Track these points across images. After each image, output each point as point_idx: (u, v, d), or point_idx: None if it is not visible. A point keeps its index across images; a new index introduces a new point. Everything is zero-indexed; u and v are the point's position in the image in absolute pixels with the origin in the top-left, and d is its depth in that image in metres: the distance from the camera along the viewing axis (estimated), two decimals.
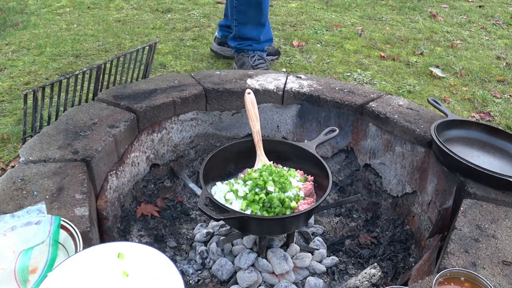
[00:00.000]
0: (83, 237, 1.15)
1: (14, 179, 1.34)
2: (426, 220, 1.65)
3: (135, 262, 1.07)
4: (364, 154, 1.92)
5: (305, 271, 1.57)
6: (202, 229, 1.71)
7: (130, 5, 4.33)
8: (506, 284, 1.10)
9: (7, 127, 2.31)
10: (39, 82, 2.79)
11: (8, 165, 2.06)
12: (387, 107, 1.82)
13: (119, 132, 1.61)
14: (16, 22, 3.84)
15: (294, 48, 3.45)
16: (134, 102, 1.76)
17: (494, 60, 3.46)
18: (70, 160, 1.44)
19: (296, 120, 2.00)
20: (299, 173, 1.63)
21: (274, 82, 1.98)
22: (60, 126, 1.61)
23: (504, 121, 2.62)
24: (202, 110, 1.93)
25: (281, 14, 4.21)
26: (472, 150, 1.60)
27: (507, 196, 1.39)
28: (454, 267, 1.14)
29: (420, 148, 1.68)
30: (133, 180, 1.79)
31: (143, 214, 1.78)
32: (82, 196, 1.30)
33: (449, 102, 2.78)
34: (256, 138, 1.65)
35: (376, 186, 1.91)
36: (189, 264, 1.60)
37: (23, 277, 1.06)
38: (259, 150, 1.65)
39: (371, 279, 1.46)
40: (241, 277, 1.48)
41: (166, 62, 3.10)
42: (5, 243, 1.13)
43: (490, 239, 1.23)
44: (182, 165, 1.99)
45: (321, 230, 1.78)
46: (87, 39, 3.48)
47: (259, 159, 1.64)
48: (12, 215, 1.18)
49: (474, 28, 4.14)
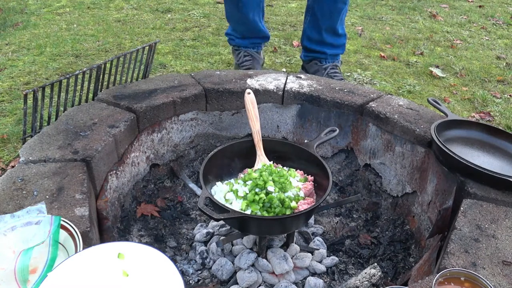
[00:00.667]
0: (83, 237, 1.15)
1: (14, 179, 1.34)
2: (426, 220, 1.65)
3: (135, 262, 1.07)
4: (364, 154, 1.92)
5: (305, 271, 1.57)
6: (202, 229, 1.71)
7: (130, 5, 4.33)
8: (506, 284, 1.10)
9: (7, 127, 2.31)
10: (39, 82, 2.80)
11: (8, 165, 2.06)
12: (387, 107, 1.82)
13: (119, 132, 1.61)
14: (16, 22, 3.84)
15: (294, 48, 3.45)
16: (134, 102, 1.76)
17: (494, 60, 3.46)
18: (70, 160, 1.44)
19: (296, 120, 2.00)
20: (299, 173, 1.63)
21: (274, 82, 1.98)
22: (60, 126, 1.61)
23: (504, 121, 2.62)
24: (202, 110, 1.93)
25: (281, 14, 4.21)
26: (472, 150, 1.60)
27: (507, 196, 1.39)
28: (454, 267, 1.14)
29: (420, 148, 1.68)
30: (133, 180, 1.79)
31: (143, 214, 1.78)
32: (82, 196, 1.30)
33: (449, 102, 2.78)
34: (256, 138, 1.65)
35: (376, 186, 1.91)
36: (189, 264, 1.60)
37: (23, 277, 1.06)
38: (259, 150, 1.65)
39: (371, 279, 1.46)
40: (241, 277, 1.48)
41: (166, 62, 3.10)
42: (5, 243, 1.13)
43: (490, 239, 1.23)
44: (182, 165, 1.99)
45: (321, 230, 1.78)
46: (87, 39, 3.48)
47: (259, 159, 1.64)
48: (12, 215, 1.18)
49: (474, 28, 4.14)
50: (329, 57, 2.71)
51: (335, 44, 2.71)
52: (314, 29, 2.66)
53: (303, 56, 2.82)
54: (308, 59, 2.77)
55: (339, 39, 2.71)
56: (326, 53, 2.70)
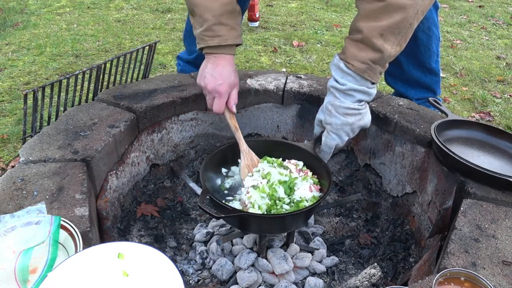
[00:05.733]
0: (83, 237, 1.15)
1: (14, 179, 1.34)
2: (426, 220, 1.65)
3: (135, 262, 1.07)
4: (364, 154, 1.92)
5: (305, 271, 1.57)
6: (202, 229, 1.71)
7: (130, 5, 4.33)
8: (506, 284, 1.10)
9: (7, 127, 2.31)
10: (39, 82, 2.80)
11: (8, 165, 2.06)
12: (387, 107, 1.82)
13: (119, 132, 1.61)
14: (16, 22, 3.84)
15: (294, 48, 3.46)
16: (134, 102, 1.76)
17: (494, 60, 3.47)
18: (70, 160, 1.44)
19: (296, 120, 2.00)
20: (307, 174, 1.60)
21: (274, 82, 1.98)
22: (60, 126, 1.61)
23: (504, 121, 2.62)
24: (202, 110, 1.93)
25: (281, 14, 4.21)
26: (472, 150, 1.60)
27: (507, 196, 1.39)
28: (454, 267, 1.14)
29: (420, 148, 1.68)
30: (133, 180, 1.79)
31: (143, 214, 1.78)
32: (82, 196, 1.30)
33: (449, 102, 2.79)
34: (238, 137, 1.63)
35: (376, 186, 1.91)
36: (189, 264, 1.60)
37: (23, 277, 1.05)
38: (242, 146, 1.61)
39: (371, 279, 1.46)
40: (241, 277, 1.48)
41: (166, 62, 3.10)
42: (5, 243, 1.13)
43: (490, 239, 1.23)
44: (182, 165, 1.99)
45: (321, 230, 1.78)
46: (87, 39, 3.49)
47: (243, 154, 1.60)
48: (12, 215, 1.18)
49: (474, 28, 4.14)
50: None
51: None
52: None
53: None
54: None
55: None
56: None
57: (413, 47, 2.02)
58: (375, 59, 1.40)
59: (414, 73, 2.15)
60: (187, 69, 2.37)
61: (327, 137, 1.53)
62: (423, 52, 2.09)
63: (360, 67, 1.41)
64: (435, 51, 2.12)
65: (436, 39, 2.09)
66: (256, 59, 3.29)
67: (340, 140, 1.52)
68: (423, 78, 2.18)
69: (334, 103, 1.47)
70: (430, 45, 2.08)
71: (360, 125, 1.51)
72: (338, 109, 1.47)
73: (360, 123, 1.50)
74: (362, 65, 1.40)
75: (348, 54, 1.42)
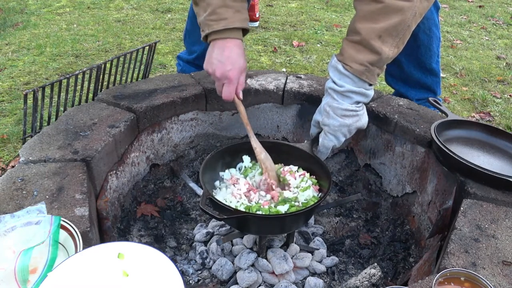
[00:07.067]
0: (83, 237, 1.15)
1: (14, 179, 1.34)
2: (426, 220, 1.65)
3: (135, 262, 1.07)
4: (364, 154, 1.92)
5: (305, 271, 1.57)
6: (202, 229, 1.71)
7: (130, 5, 4.33)
8: (506, 284, 1.10)
9: (7, 127, 2.31)
10: (39, 82, 2.80)
11: (8, 165, 2.06)
12: (387, 107, 1.82)
13: (119, 132, 1.61)
14: (16, 22, 3.84)
15: (294, 48, 3.46)
16: (134, 102, 1.76)
17: (494, 60, 3.47)
18: (70, 160, 1.44)
19: (296, 120, 2.00)
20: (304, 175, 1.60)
21: (274, 82, 1.98)
22: (60, 126, 1.61)
23: (504, 121, 2.62)
24: (202, 110, 1.93)
25: (281, 14, 4.21)
26: (472, 150, 1.60)
27: (507, 196, 1.39)
28: (454, 267, 1.14)
29: (420, 148, 1.68)
30: (133, 180, 1.79)
31: (143, 214, 1.78)
32: (82, 196, 1.30)
33: (449, 102, 2.79)
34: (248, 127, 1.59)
35: (376, 186, 1.91)
36: (189, 264, 1.60)
37: (23, 277, 1.05)
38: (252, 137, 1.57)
39: (371, 279, 1.46)
40: (241, 277, 1.48)
41: (166, 62, 3.10)
42: (5, 243, 1.13)
43: (490, 239, 1.23)
44: (182, 165, 1.99)
45: (321, 230, 1.78)
46: (87, 39, 3.49)
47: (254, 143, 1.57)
48: (12, 215, 1.18)
49: (474, 28, 4.14)
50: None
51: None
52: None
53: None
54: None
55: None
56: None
57: (414, 48, 2.03)
58: (373, 61, 1.40)
59: (414, 73, 2.15)
60: (187, 69, 2.36)
61: (324, 138, 1.53)
62: (424, 52, 2.09)
63: (358, 69, 1.40)
64: (435, 52, 2.12)
65: (437, 39, 2.09)
66: (256, 59, 3.29)
67: (337, 141, 1.52)
68: (423, 79, 2.17)
69: (332, 105, 1.47)
70: (430, 45, 2.08)
71: (357, 126, 1.51)
72: (336, 111, 1.47)
73: (357, 124, 1.50)
74: (360, 67, 1.40)
75: (346, 56, 1.42)
